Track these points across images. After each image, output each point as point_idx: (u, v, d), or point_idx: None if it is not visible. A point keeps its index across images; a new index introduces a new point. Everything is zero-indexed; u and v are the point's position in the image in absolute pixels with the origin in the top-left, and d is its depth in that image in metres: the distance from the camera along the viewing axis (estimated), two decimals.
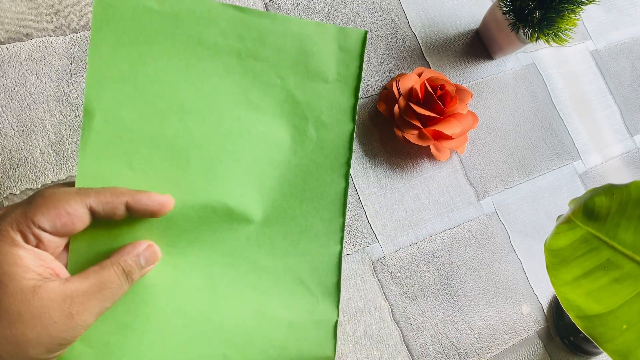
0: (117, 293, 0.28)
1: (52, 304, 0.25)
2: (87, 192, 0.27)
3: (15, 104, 0.42)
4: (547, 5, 0.49)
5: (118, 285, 0.28)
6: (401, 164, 0.52)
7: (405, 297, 0.49)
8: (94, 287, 0.27)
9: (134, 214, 0.28)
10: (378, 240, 0.49)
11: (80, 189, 0.28)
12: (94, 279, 0.27)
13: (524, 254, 0.54)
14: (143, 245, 0.29)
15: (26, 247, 0.26)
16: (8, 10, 0.44)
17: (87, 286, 0.27)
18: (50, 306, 0.25)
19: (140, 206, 0.28)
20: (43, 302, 0.25)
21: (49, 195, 0.27)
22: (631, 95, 0.65)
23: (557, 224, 0.36)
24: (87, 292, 0.27)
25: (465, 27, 0.59)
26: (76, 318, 0.26)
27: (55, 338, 0.25)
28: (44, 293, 0.25)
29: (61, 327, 0.25)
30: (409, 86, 0.51)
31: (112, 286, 0.28)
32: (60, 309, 0.25)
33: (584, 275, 0.34)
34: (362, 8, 0.55)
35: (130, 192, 0.28)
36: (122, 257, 0.28)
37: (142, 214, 0.29)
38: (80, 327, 0.26)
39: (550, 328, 0.52)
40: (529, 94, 0.60)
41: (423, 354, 0.48)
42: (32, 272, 0.26)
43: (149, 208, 0.28)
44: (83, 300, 0.26)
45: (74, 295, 0.26)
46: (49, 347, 0.25)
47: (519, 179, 0.56)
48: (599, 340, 0.32)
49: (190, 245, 0.31)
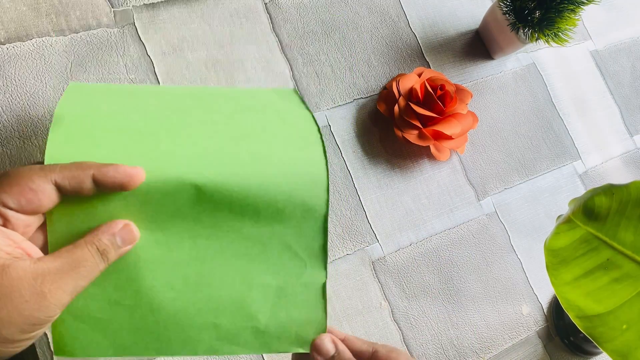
0: (93, 271, 0.27)
1: (22, 282, 0.25)
2: (52, 167, 0.27)
3: (15, 104, 0.43)
4: (547, 5, 0.49)
5: (93, 264, 0.27)
6: (401, 164, 0.52)
7: (405, 297, 0.49)
8: (67, 266, 0.26)
9: (102, 188, 0.28)
10: (378, 240, 0.49)
11: (45, 166, 0.27)
12: (67, 258, 0.27)
13: (524, 254, 0.54)
14: (119, 224, 0.29)
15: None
16: (8, 10, 0.44)
17: (59, 264, 0.26)
18: (20, 285, 0.25)
19: (107, 179, 0.27)
20: (12, 280, 0.25)
21: (12, 174, 0.26)
22: (631, 95, 0.65)
23: (557, 224, 0.36)
24: (59, 271, 0.26)
25: (465, 27, 0.59)
26: (48, 296, 0.25)
27: (28, 317, 0.25)
28: (13, 272, 0.25)
29: (33, 305, 0.25)
30: (409, 86, 0.51)
31: (87, 264, 0.27)
32: (31, 287, 0.25)
33: (584, 275, 0.34)
34: (362, 8, 0.55)
35: (97, 165, 0.27)
36: (97, 236, 0.28)
37: (110, 187, 0.28)
38: (54, 307, 0.26)
39: (550, 328, 0.52)
40: (529, 94, 0.60)
41: (423, 354, 0.48)
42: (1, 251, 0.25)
43: (117, 180, 0.28)
44: (55, 279, 0.26)
45: (45, 274, 0.25)
46: (22, 327, 0.25)
47: (519, 179, 0.56)
48: (599, 340, 0.32)
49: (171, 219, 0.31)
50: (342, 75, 0.53)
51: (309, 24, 0.53)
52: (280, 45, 0.52)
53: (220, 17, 0.50)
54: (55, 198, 0.27)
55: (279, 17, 0.52)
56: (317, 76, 0.52)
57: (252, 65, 0.50)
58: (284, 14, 0.52)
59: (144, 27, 0.47)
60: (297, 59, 0.52)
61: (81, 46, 0.46)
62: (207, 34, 0.49)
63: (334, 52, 0.53)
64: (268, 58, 0.51)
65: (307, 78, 0.52)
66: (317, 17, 0.53)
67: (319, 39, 0.53)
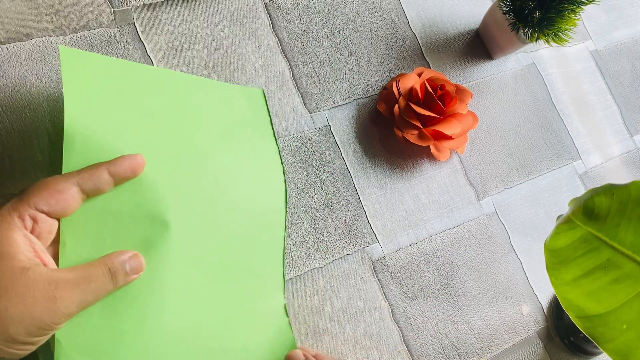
0: (101, 289, 0.30)
1: (37, 284, 0.27)
2: (71, 172, 0.31)
3: (15, 104, 0.42)
4: (547, 5, 0.49)
5: (103, 282, 0.30)
6: (401, 164, 0.52)
7: (405, 297, 0.49)
8: (80, 279, 0.29)
9: (118, 178, 0.32)
10: (378, 240, 0.49)
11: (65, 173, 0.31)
12: (81, 272, 0.29)
13: (524, 254, 0.54)
14: (129, 253, 0.32)
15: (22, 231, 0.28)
16: (8, 10, 0.44)
17: (73, 276, 0.29)
18: (35, 287, 0.27)
19: (120, 168, 0.32)
20: (29, 282, 0.27)
21: (40, 182, 0.30)
22: (631, 95, 0.65)
23: (557, 224, 0.36)
24: (72, 281, 0.28)
25: (465, 27, 0.59)
26: (58, 302, 0.27)
27: (36, 319, 0.26)
28: (31, 274, 0.27)
29: (42, 307, 0.27)
30: (409, 86, 0.51)
31: (97, 280, 0.29)
32: (44, 290, 0.27)
33: (584, 275, 0.34)
34: (362, 8, 0.55)
35: (107, 162, 0.32)
36: (110, 258, 0.31)
37: (124, 174, 0.32)
38: (61, 314, 0.27)
39: (550, 328, 0.52)
40: (529, 94, 0.60)
41: (423, 354, 0.48)
42: (24, 255, 0.27)
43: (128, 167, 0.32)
44: (67, 287, 0.28)
45: (59, 281, 0.28)
46: (29, 328, 0.26)
47: (519, 179, 0.56)
48: (599, 340, 0.32)
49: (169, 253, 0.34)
50: (342, 75, 0.53)
51: (309, 24, 0.53)
52: (280, 45, 0.52)
53: (220, 17, 0.50)
54: (79, 198, 0.31)
55: (279, 17, 0.52)
56: (317, 76, 0.52)
57: (252, 65, 0.50)
58: (284, 14, 0.52)
59: (143, 27, 0.47)
60: (297, 59, 0.52)
61: (81, 46, 0.46)
62: (207, 33, 0.49)
63: (334, 52, 0.53)
64: (268, 58, 0.51)
65: (307, 78, 0.52)
66: (317, 17, 0.54)
67: (319, 39, 0.53)
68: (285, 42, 0.52)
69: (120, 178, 0.32)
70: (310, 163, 0.49)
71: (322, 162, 0.50)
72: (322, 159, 0.50)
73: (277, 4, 0.53)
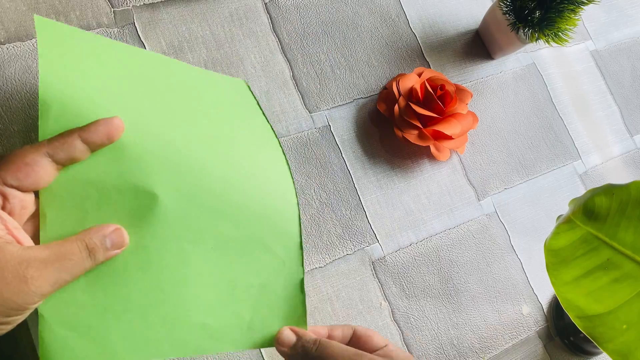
0: (78, 267, 0.28)
1: (7, 264, 0.25)
2: (41, 142, 0.28)
3: (15, 104, 0.42)
4: (547, 5, 0.49)
5: (79, 259, 0.28)
6: (401, 164, 0.52)
7: (405, 297, 0.49)
8: (53, 257, 0.27)
9: (92, 145, 0.29)
10: (378, 240, 0.49)
11: (34, 144, 0.29)
12: (55, 249, 0.27)
13: (524, 254, 0.54)
14: (111, 227, 0.30)
15: None
16: (8, 10, 0.44)
17: (46, 254, 0.27)
18: (5, 267, 0.25)
19: (93, 134, 0.29)
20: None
21: (7, 155, 0.28)
22: (631, 95, 0.65)
23: (557, 224, 0.36)
24: (45, 260, 0.27)
25: (465, 27, 0.59)
26: (30, 283, 0.26)
27: (6, 300, 0.25)
28: (1, 254, 0.25)
29: (13, 288, 0.25)
30: (409, 86, 0.51)
31: (73, 258, 0.28)
32: (14, 270, 0.25)
33: (584, 275, 0.34)
34: (362, 8, 0.55)
35: (79, 127, 0.29)
36: (88, 234, 0.29)
37: (99, 141, 0.29)
38: (34, 294, 0.26)
39: (550, 328, 0.52)
40: (529, 94, 0.60)
41: (423, 354, 0.48)
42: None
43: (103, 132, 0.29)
44: (39, 267, 0.26)
45: (30, 260, 0.26)
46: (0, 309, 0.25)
47: (519, 179, 0.56)
48: (599, 340, 0.32)
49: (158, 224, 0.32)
50: (342, 75, 0.53)
51: (309, 24, 0.53)
52: (280, 45, 0.52)
53: (220, 17, 0.50)
54: (50, 169, 0.28)
55: (279, 17, 0.52)
56: (317, 76, 0.52)
57: (252, 65, 0.50)
58: (284, 14, 0.52)
59: (143, 27, 0.47)
60: (297, 59, 0.52)
61: None
62: (207, 33, 0.49)
63: (334, 52, 0.53)
64: (268, 58, 0.51)
65: (307, 78, 0.52)
66: (317, 17, 0.54)
67: (319, 39, 0.53)
68: (285, 42, 0.52)
69: (96, 145, 0.29)
70: (310, 163, 0.49)
71: (322, 162, 0.50)
72: (322, 159, 0.50)
73: (277, 4, 0.53)
